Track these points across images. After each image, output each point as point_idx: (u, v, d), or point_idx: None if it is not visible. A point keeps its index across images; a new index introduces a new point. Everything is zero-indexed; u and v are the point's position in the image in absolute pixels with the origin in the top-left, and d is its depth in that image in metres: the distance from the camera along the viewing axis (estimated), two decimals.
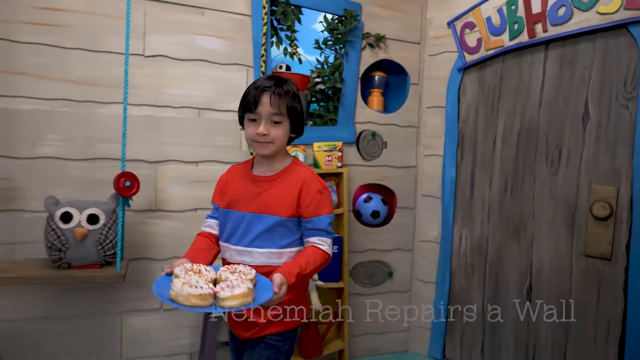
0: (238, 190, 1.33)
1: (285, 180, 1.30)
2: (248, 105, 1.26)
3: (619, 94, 2.00)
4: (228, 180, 1.38)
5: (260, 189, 1.30)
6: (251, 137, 1.27)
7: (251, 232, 1.29)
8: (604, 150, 2.04)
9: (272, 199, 1.29)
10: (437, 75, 2.59)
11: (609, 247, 2.01)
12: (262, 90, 1.24)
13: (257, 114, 1.25)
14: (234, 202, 1.32)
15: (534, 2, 2.18)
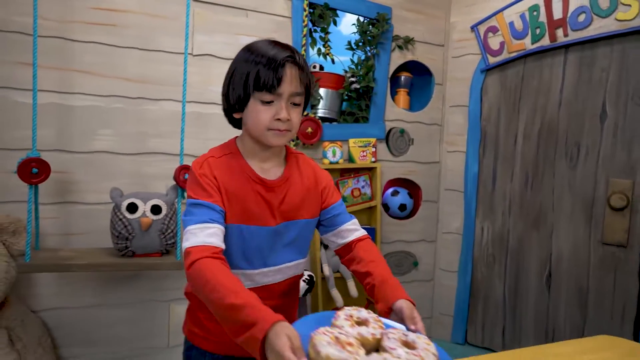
0: (252, 200, 0.98)
1: (298, 176, 1.06)
2: (263, 81, 0.91)
3: (634, 94, 2.17)
4: (227, 183, 0.97)
5: (278, 195, 1.01)
6: (265, 124, 0.94)
7: (285, 246, 1.04)
8: (620, 147, 2.21)
9: (298, 201, 1.04)
10: (460, 76, 2.74)
11: (625, 235, 2.18)
12: (284, 62, 0.92)
13: (277, 94, 0.93)
14: (252, 216, 0.98)
15: (555, 8, 2.34)
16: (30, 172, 1.64)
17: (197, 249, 0.86)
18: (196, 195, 0.95)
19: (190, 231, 0.90)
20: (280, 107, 0.94)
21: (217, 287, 0.79)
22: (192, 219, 0.91)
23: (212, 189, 0.95)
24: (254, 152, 1.02)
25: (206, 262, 0.84)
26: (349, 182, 2.41)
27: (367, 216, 2.56)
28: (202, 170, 0.97)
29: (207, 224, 0.91)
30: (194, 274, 0.84)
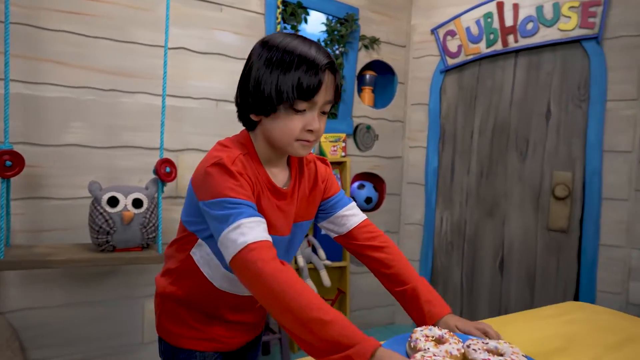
0: (269, 208, 0.89)
1: (302, 177, 0.99)
2: (305, 89, 0.80)
3: (574, 96, 2.44)
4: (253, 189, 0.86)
5: (289, 203, 0.94)
6: (295, 134, 0.85)
7: (291, 251, 1.00)
8: (562, 143, 2.48)
9: (305, 205, 0.98)
10: (420, 76, 2.91)
11: (566, 221, 2.45)
12: (325, 69, 0.82)
13: (312, 103, 0.83)
14: (272, 225, 0.89)
15: (507, 16, 2.57)
16: (4, 164, 1.56)
17: (261, 246, 0.75)
18: (235, 194, 0.79)
19: (245, 224, 0.76)
20: (313, 117, 0.84)
21: (297, 297, 0.70)
22: (242, 214, 0.77)
23: (248, 189, 0.82)
24: (268, 157, 0.91)
25: (279, 266, 0.74)
26: None
27: None
28: (236, 167, 0.82)
29: (259, 217, 0.79)
30: (265, 277, 0.73)
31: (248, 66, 0.87)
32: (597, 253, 2.35)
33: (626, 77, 2.29)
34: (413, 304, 0.93)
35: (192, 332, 0.98)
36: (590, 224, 2.36)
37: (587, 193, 2.38)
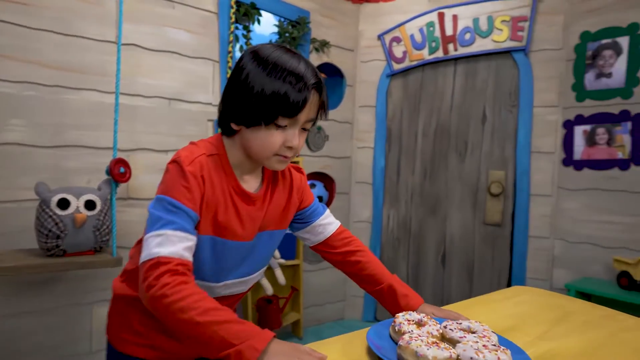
0: (232, 213, 0.88)
1: (275, 185, 0.97)
2: (287, 106, 0.80)
3: (506, 102, 2.68)
4: (209, 188, 0.85)
5: (258, 209, 0.93)
6: (274, 150, 0.84)
7: (257, 258, 0.97)
8: (496, 144, 2.71)
9: (277, 212, 0.97)
10: (367, 79, 3.03)
11: (500, 216, 2.69)
12: (312, 88, 0.82)
13: (294, 120, 0.83)
14: (231, 230, 0.88)
15: (447, 26, 2.76)
16: None
17: (174, 262, 0.75)
18: (179, 197, 0.80)
19: (167, 235, 0.76)
20: (294, 134, 0.84)
21: (192, 305, 0.71)
22: (171, 223, 0.77)
23: (196, 192, 0.82)
24: (240, 163, 0.90)
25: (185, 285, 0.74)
26: None
27: None
28: (192, 168, 0.82)
29: (188, 234, 0.78)
30: (157, 290, 0.73)
31: (235, 74, 0.85)
32: (527, 244, 2.61)
33: (549, 86, 2.56)
34: (391, 300, 1.00)
35: (135, 337, 0.95)
36: (520, 218, 2.61)
37: (518, 190, 2.62)
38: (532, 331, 0.95)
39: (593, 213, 2.43)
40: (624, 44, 2.34)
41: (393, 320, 0.84)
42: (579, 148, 2.48)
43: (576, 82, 2.49)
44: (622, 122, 2.34)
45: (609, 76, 2.39)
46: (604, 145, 2.40)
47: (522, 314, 1.07)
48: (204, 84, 2.32)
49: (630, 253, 2.27)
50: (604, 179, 2.40)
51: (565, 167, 2.53)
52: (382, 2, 2.97)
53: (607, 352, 0.88)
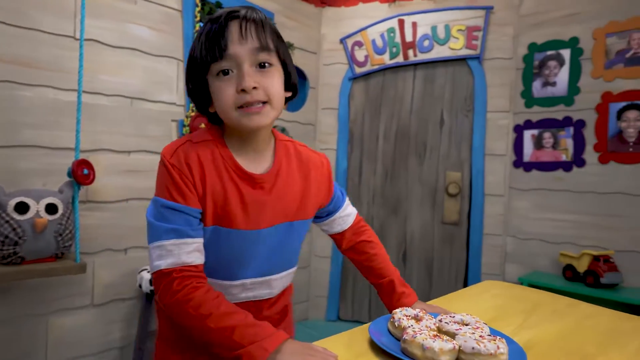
0: (234, 197, 0.81)
1: (290, 168, 0.89)
2: (209, 48, 0.75)
3: (462, 107, 2.83)
4: (202, 176, 0.80)
5: (266, 192, 0.84)
6: (232, 102, 0.77)
7: (274, 254, 0.89)
8: (453, 147, 2.85)
9: (292, 198, 0.88)
10: (330, 82, 3.08)
11: (458, 215, 2.82)
12: (229, 19, 0.76)
13: (229, 59, 0.76)
14: (233, 217, 0.81)
15: (407, 33, 2.86)
16: None
17: (177, 272, 0.74)
18: (169, 196, 0.76)
19: (165, 247, 0.75)
20: (241, 75, 0.75)
21: (205, 312, 0.72)
22: (168, 231, 0.75)
23: (186, 185, 0.77)
24: (237, 142, 0.83)
25: (194, 291, 0.74)
26: None
27: None
28: (174, 159, 0.78)
29: (186, 238, 0.76)
30: (169, 299, 0.74)
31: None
32: (481, 241, 2.76)
33: (501, 92, 2.73)
34: (388, 295, 1.05)
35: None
36: (476, 216, 2.76)
37: (474, 190, 2.77)
38: (512, 322, 1.02)
39: (541, 211, 2.61)
40: (566, 55, 2.55)
41: (391, 317, 0.87)
42: (528, 151, 2.67)
43: (525, 89, 2.68)
44: (565, 127, 2.55)
45: (554, 85, 2.59)
46: (550, 148, 2.60)
47: (499, 306, 1.14)
48: (167, 83, 2.26)
49: (574, 248, 2.47)
50: (550, 179, 2.59)
51: (516, 168, 2.71)
52: (343, 6, 3.03)
53: (579, 336, 0.96)
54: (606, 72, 2.42)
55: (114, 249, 2.11)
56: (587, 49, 2.47)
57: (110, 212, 2.09)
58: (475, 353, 0.73)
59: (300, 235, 0.94)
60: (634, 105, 2.33)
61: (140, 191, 2.18)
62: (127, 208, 2.14)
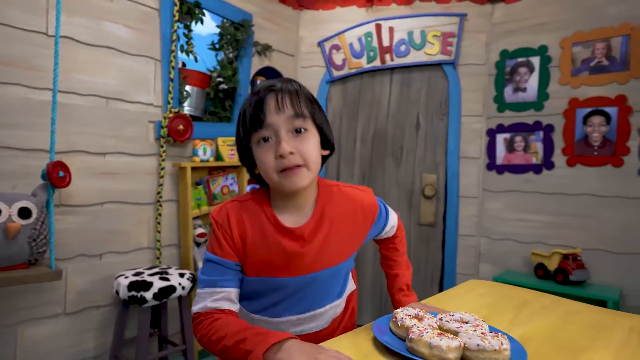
0: (273, 250, 0.89)
1: (333, 214, 0.93)
2: (250, 120, 0.85)
3: (437, 111, 2.90)
4: (243, 233, 0.89)
5: (307, 243, 0.90)
6: (272, 167, 0.85)
7: (315, 293, 0.94)
8: (429, 150, 2.91)
9: (334, 244, 0.93)
10: (308, 85, 3.06)
11: (433, 217, 2.88)
12: (267, 93, 0.85)
13: (268, 128, 0.84)
14: (275, 267, 0.90)
15: (384, 38, 2.91)
16: None
17: (204, 315, 0.87)
18: (211, 249, 0.90)
19: (199, 295, 0.89)
20: (279, 141, 0.84)
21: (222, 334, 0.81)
22: (203, 280, 0.89)
23: (225, 240, 0.88)
24: (280, 200, 0.91)
25: (207, 321, 0.85)
26: (218, 179, 2.45)
27: None
28: (219, 217, 0.90)
29: (215, 288, 0.87)
30: (198, 336, 0.86)
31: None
32: (457, 242, 2.83)
33: (475, 97, 2.81)
34: (391, 289, 1.14)
35: None
36: (451, 218, 2.83)
37: (449, 192, 2.83)
38: (503, 319, 1.05)
39: (513, 212, 2.71)
40: (536, 63, 2.66)
41: (393, 316, 0.88)
42: (500, 154, 2.76)
43: (497, 94, 2.77)
44: (535, 131, 2.65)
45: (524, 90, 2.69)
46: (521, 151, 2.70)
47: (488, 304, 1.17)
48: (145, 84, 2.20)
49: (545, 247, 2.57)
50: (521, 181, 2.69)
51: (489, 171, 2.79)
52: (321, 9, 3.04)
53: (567, 331, 1.01)
54: (573, 79, 2.54)
55: (88, 254, 2.03)
56: (555, 57, 2.59)
57: (85, 216, 2.01)
58: (481, 350, 0.74)
59: (346, 272, 1.01)
60: (598, 111, 2.46)
61: (116, 194, 2.11)
62: (102, 212, 2.07)
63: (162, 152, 2.25)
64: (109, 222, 2.09)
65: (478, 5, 2.79)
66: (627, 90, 2.38)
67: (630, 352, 0.90)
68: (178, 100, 2.34)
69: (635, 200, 2.33)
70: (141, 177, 2.21)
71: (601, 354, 0.88)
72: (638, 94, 2.35)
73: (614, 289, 2.32)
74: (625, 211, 2.36)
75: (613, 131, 2.41)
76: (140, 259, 2.23)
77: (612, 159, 2.41)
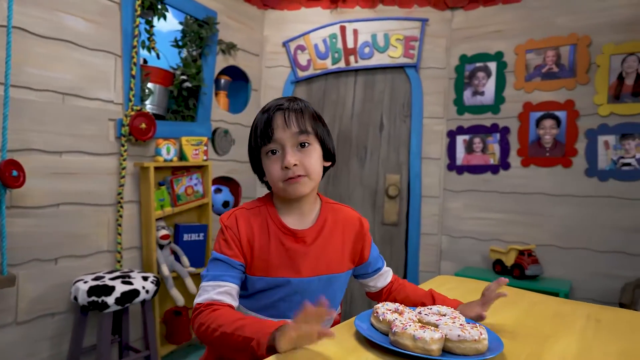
0: (277, 250, 0.97)
1: (335, 227, 1.03)
2: (260, 135, 0.96)
3: (400, 112, 2.97)
4: (251, 236, 0.98)
5: (307, 245, 0.99)
6: (278, 176, 0.96)
7: (311, 300, 0.94)
8: (392, 150, 2.97)
9: (332, 253, 1.02)
10: (273, 85, 3.06)
11: (397, 216, 2.95)
12: (275, 111, 0.96)
13: (275, 142, 0.95)
14: (279, 267, 0.97)
15: (348, 40, 2.94)
16: None
17: (205, 306, 0.90)
18: (219, 250, 0.97)
19: (203, 287, 0.94)
20: (284, 154, 0.95)
21: (220, 323, 0.84)
22: (208, 275, 0.95)
23: (234, 242, 0.97)
24: (284, 205, 1.01)
25: (207, 311, 0.88)
26: (182, 179, 2.39)
27: (198, 214, 2.58)
28: (229, 222, 0.99)
29: (220, 281, 0.94)
30: (196, 325, 0.89)
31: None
32: (419, 241, 2.91)
33: (436, 99, 2.91)
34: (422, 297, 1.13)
35: None
36: (414, 217, 2.90)
37: (411, 192, 2.91)
38: None
39: (472, 211, 2.82)
40: (493, 68, 2.79)
41: (374, 311, 0.90)
42: (460, 155, 2.86)
43: (457, 97, 2.88)
44: (492, 133, 2.78)
45: (482, 94, 2.81)
46: (480, 152, 2.82)
47: (458, 298, 1.21)
48: (104, 80, 2.11)
49: (502, 244, 2.70)
50: (479, 181, 2.81)
51: (449, 171, 2.89)
52: (286, 10, 3.04)
53: (533, 320, 1.06)
54: (527, 84, 2.68)
55: (43, 258, 1.92)
56: (510, 62, 2.72)
57: (39, 218, 1.90)
58: (462, 340, 0.77)
59: (341, 287, 1.07)
60: (549, 115, 2.61)
61: (73, 195, 2.01)
62: (58, 214, 1.96)
63: (123, 152, 2.17)
64: (66, 225, 1.99)
65: (439, 11, 2.89)
66: (575, 96, 2.54)
67: (590, 336, 0.97)
68: (140, 98, 2.26)
69: (583, 199, 2.50)
70: (101, 177, 2.12)
71: (566, 339, 0.94)
72: (584, 99, 2.51)
73: (565, 281, 2.46)
74: (574, 209, 2.51)
75: (563, 134, 2.57)
76: (99, 263, 2.13)
77: (562, 159, 2.56)
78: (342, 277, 1.05)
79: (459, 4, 2.84)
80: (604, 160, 2.46)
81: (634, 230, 2.36)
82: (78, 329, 1.94)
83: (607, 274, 2.41)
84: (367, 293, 1.20)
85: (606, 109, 2.45)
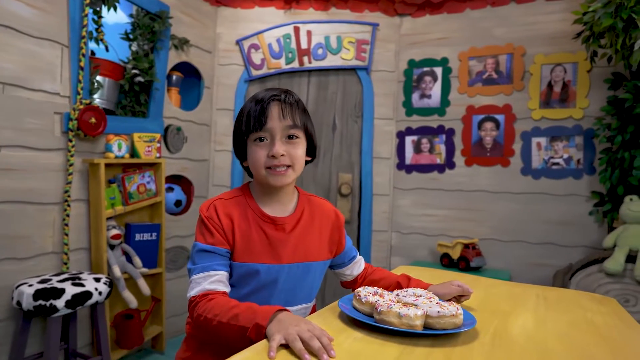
0: (259, 237, 1.00)
1: (312, 218, 1.07)
2: (252, 121, 0.97)
3: (352, 113, 3.06)
4: (232, 225, 0.99)
5: (287, 233, 1.02)
6: (262, 163, 0.97)
7: (294, 288, 1.04)
8: (345, 150, 3.05)
9: (310, 242, 1.05)
10: (226, 83, 3.03)
11: (349, 214, 3.03)
12: (270, 100, 0.98)
13: (266, 131, 0.97)
14: (260, 253, 0.99)
15: (302, 40, 2.99)
16: None
17: (200, 297, 0.92)
18: (201, 240, 0.98)
19: (194, 280, 0.95)
20: (273, 143, 0.97)
21: (216, 312, 0.86)
22: (196, 268, 0.95)
23: (216, 230, 0.98)
24: (263, 194, 1.03)
25: (203, 302, 0.90)
26: (134, 177, 2.30)
27: (150, 213, 2.49)
28: (209, 212, 1.00)
29: (210, 271, 0.95)
30: (194, 317, 0.91)
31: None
32: (371, 237, 3.01)
33: (386, 101, 3.03)
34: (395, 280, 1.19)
35: None
36: (366, 215, 3.00)
37: (363, 190, 3.00)
38: None
39: (420, 208, 2.97)
40: (439, 72, 2.96)
41: (356, 295, 0.94)
42: (409, 155, 3.01)
43: (406, 100, 3.02)
44: (439, 134, 2.94)
45: (429, 97, 2.97)
46: (427, 152, 2.97)
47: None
48: (50, 70, 1.99)
49: (448, 238, 2.86)
50: (427, 180, 2.96)
51: (399, 170, 3.02)
52: (240, 8, 3.02)
53: (492, 300, 1.16)
54: (469, 89, 2.87)
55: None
56: (455, 68, 2.91)
57: None
58: (441, 315, 0.84)
59: (318, 276, 1.09)
60: (489, 118, 2.82)
61: (13, 193, 1.87)
62: None
63: (71, 147, 2.05)
64: (5, 225, 1.85)
65: (388, 17, 3.01)
66: (512, 101, 2.76)
67: (542, 312, 1.08)
68: (89, 91, 2.15)
69: (519, 195, 2.72)
70: (45, 174, 1.99)
71: (524, 315, 1.04)
72: (519, 103, 2.74)
73: (505, 272, 2.67)
74: (511, 205, 2.73)
75: (501, 135, 2.78)
76: (43, 266, 2.00)
77: (501, 159, 2.78)
78: (320, 266, 1.08)
79: (407, 11, 2.99)
80: (536, 160, 2.70)
81: (562, 223, 2.61)
82: (20, 337, 1.81)
83: (541, 264, 2.64)
84: (342, 283, 1.25)
85: (538, 113, 2.70)
